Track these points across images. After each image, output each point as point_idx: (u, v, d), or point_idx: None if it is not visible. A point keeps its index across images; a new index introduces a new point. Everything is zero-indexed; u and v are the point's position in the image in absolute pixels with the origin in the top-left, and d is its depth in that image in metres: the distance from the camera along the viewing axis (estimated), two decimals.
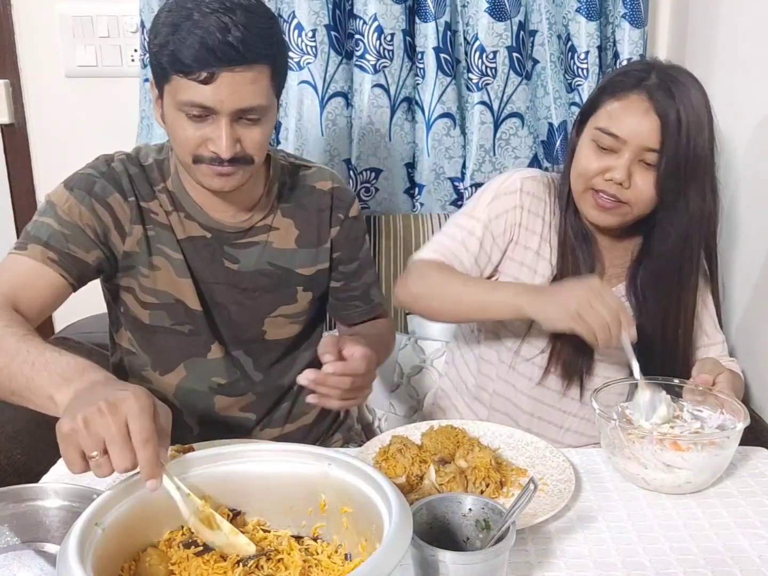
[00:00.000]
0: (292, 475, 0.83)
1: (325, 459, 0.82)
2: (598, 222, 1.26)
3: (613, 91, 1.21)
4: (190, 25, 1.04)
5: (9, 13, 1.95)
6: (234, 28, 1.04)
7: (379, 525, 0.73)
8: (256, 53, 1.07)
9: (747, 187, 1.55)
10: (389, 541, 0.67)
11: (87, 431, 0.75)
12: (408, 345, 1.74)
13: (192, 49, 1.04)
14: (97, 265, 1.18)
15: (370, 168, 1.91)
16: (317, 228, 1.31)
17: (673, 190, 1.19)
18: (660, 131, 1.17)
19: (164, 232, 1.23)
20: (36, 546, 0.87)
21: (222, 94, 1.06)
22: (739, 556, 0.90)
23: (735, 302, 1.58)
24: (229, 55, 1.04)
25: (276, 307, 1.30)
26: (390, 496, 0.73)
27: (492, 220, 1.31)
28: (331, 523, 0.82)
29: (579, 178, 1.24)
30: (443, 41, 1.83)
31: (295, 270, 1.30)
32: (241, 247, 1.26)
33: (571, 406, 1.34)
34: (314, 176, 1.33)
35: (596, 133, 1.21)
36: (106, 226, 1.18)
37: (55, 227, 1.14)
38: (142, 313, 1.26)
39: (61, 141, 2.02)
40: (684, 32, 1.88)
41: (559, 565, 0.89)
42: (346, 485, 0.80)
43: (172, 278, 1.23)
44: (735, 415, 1.06)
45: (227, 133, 1.08)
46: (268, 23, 1.10)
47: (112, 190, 1.19)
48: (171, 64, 1.07)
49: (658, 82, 1.18)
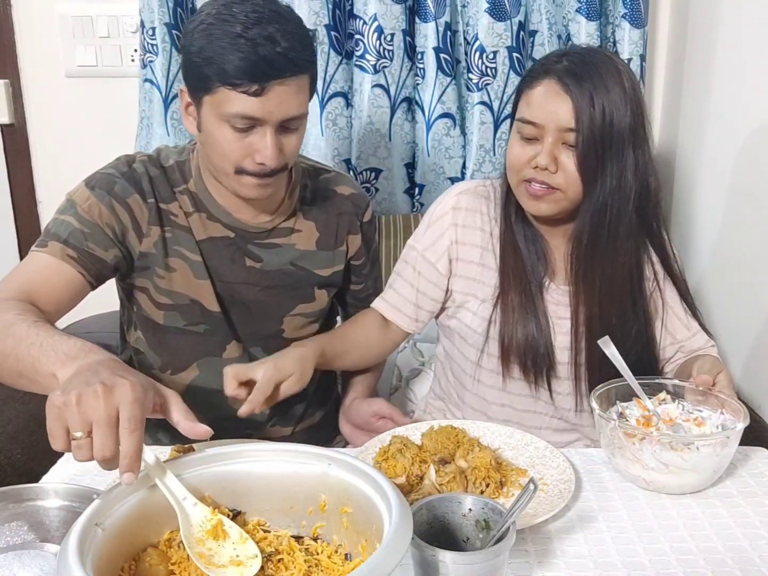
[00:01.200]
0: (292, 475, 0.83)
1: (325, 459, 0.82)
2: (534, 212, 1.26)
3: (528, 82, 1.23)
4: (235, 36, 1.04)
5: (9, 13, 1.95)
6: (282, 39, 1.05)
7: (379, 525, 0.73)
8: (304, 62, 1.09)
9: (746, 187, 1.55)
10: (389, 542, 0.67)
11: (77, 409, 0.74)
12: (407, 348, 1.74)
13: (244, 61, 1.04)
14: (114, 263, 1.20)
15: (370, 168, 1.91)
16: (335, 231, 1.35)
17: (592, 167, 1.19)
18: (574, 111, 1.17)
19: (183, 234, 1.24)
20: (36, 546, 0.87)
21: (272, 105, 1.07)
22: (739, 556, 0.90)
23: (734, 302, 1.58)
24: (282, 66, 1.06)
25: (295, 305, 1.33)
26: (390, 496, 0.73)
27: (428, 248, 1.33)
28: (331, 523, 0.82)
29: (511, 172, 1.25)
30: (443, 41, 1.83)
31: (314, 271, 1.33)
32: (265, 246, 1.29)
33: (544, 408, 1.33)
34: (335, 181, 1.36)
35: (518, 125, 1.23)
36: (124, 226, 1.20)
37: (75, 225, 1.16)
38: (156, 314, 1.27)
39: (61, 141, 2.02)
40: (684, 32, 1.88)
41: (559, 565, 0.89)
42: (346, 485, 0.80)
43: (190, 280, 1.25)
44: (735, 415, 1.06)
45: (274, 143, 1.11)
46: (305, 30, 1.12)
47: (132, 191, 1.20)
48: (219, 76, 1.06)
49: (567, 65, 1.20)
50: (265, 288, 1.30)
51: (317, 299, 1.35)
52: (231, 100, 1.08)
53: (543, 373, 1.29)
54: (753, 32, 1.53)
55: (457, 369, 1.39)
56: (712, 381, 1.12)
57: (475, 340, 1.32)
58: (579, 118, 1.17)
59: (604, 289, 1.25)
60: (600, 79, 1.18)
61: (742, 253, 1.57)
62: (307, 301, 1.34)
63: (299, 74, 1.09)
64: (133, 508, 0.76)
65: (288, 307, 1.33)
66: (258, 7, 1.07)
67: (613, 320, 1.25)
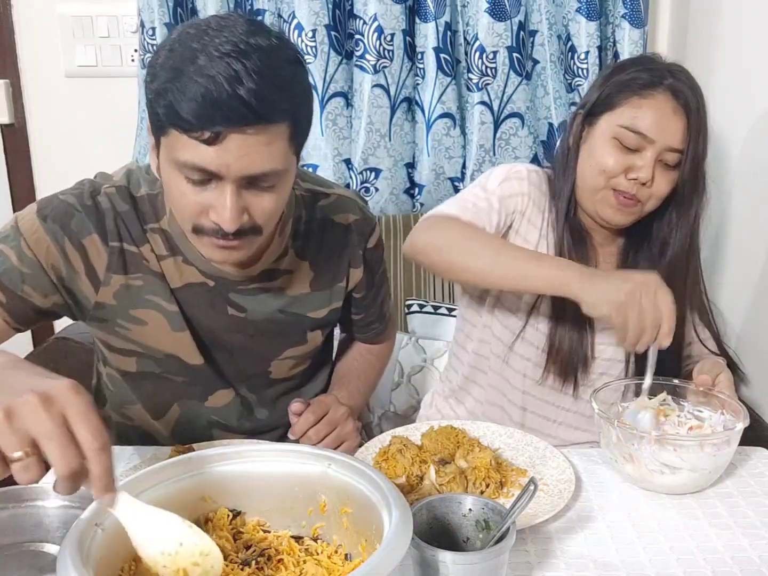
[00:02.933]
0: (292, 475, 0.83)
1: (325, 459, 0.82)
2: (613, 221, 1.25)
3: (635, 89, 1.20)
4: (193, 71, 0.84)
5: (9, 13, 1.95)
6: (247, 78, 0.83)
7: (379, 526, 0.73)
8: (274, 110, 0.87)
9: (746, 186, 1.55)
10: (389, 542, 0.66)
11: (9, 426, 0.60)
12: (409, 344, 1.74)
13: (194, 102, 0.84)
14: (54, 309, 1.04)
15: (370, 168, 1.91)
16: (335, 267, 1.18)
17: (690, 189, 1.22)
18: (686, 131, 1.18)
19: (156, 281, 1.06)
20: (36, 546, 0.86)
21: (228, 157, 0.87)
22: (739, 556, 0.90)
23: (734, 302, 1.57)
24: (239, 112, 0.84)
25: (283, 350, 1.19)
26: (390, 496, 0.73)
27: (504, 198, 1.27)
28: (331, 523, 0.82)
29: (600, 176, 1.22)
30: (443, 41, 1.83)
31: (307, 314, 1.17)
32: (249, 293, 1.11)
33: (565, 401, 1.34)
34: (334, 207, 1.17)
35: (619, 131, 1.20)
36: (74, 271, 1.02)
37: (13, 261, 0.99)
38: (126, 362, 1.12)
39: (61, 141, 2.02)
40: (684, 32, 1.88)
41: (559, 565, 0.89)
42: (346, 485, 0.80)
43: (165, 332, 1.09)
44: (735, 415, 1.06)
45: (232, 202, 0.90)
46: (290, 70, 0.89)
47: (91, 230, 1.02)
48: (168, 116, 0.87)
49: (676, 81, 1.19)
50: (250, 336, 1.14)
51: (309, 341, 1.20)
52: (182, 146, 0.88)
53: (573, 367, 1.29)
54: (753, 32, 1.53)
55: (481, 348, 1.37)
56: (711, 381, 1.13)
57: (511, 323, 1.31)
58: (689, 142, 1.18)
59: None
60: (703, 102, 1.19)
61: (738, 248, 1.57)
62: (298, 345, 1.19)
63: (267, 124, 0.87)
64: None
65: (275, 352, 1.18)
66: (235, 38, 0.85)
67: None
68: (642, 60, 1.28)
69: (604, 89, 1.24)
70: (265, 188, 0.93)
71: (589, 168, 1.24)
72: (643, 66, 1.22)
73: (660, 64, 1.22)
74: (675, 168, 1.21)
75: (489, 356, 1.36)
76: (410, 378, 1.71)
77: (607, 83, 1.24)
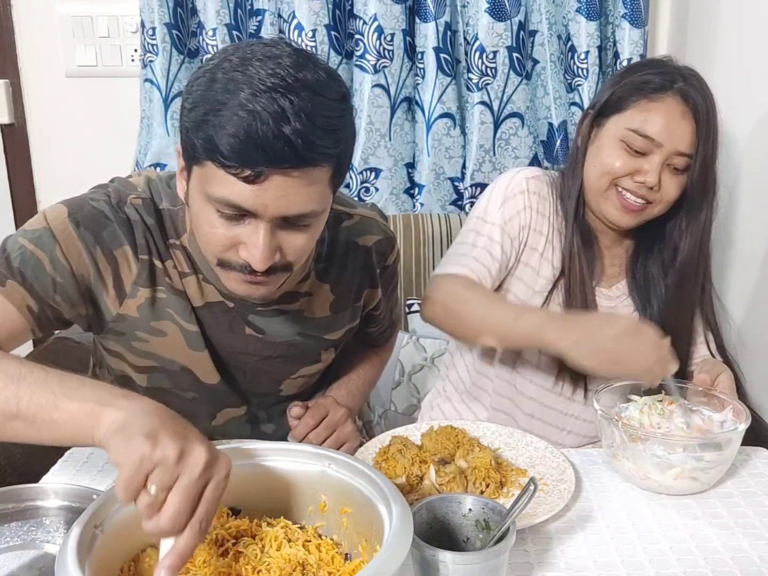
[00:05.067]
0: (291, 474, 0.83)
1: (325, 459, 0.82)
2: (619, 223, 1.24)
3: (645, 92, 1.20)
4: (236, 104, 0.79)
5: (9, 13, 1.95)
6: (293, 117, 0.79)
7: (379, 526, 0.73)
8: (319, 152, 0.82)
9: (747, 186, 1.55)
10: (389, 546, 0.66)
11: (174, 467, 0.66)
12: (409, 343, 1.74)
13: (236, 138, 0.79)
14: (74, 320, 1.01)
15: (370, 168, 1.91)
16: (355, 288, 1.16)
17: (700, 194, 1.21)
18: (695, 135, 1.18)
19: (177, 299, 1.03)
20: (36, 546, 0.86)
21: (267, 197, 0.83)
22: (739, 556, 0.90)
23: (735, 301, 1.57)
24: (283, 153, 0.80)
25: (297, 369, 1.17)
26: (390, 497, 0.73)
27: (507, 222, 1.27)
28: (331, 522, 0.83)
29: (604, 177, 1.22)
30: (443, 41, 1.83)
31: (324, 336, 1.15)
32: (269, 315, 1.08)
33: (574, 409, 1.33)
34: (357, 229, 1.13)
35: (627, 134, 1.19)
36: (103, 284, 0.98)
37: (47, 269, 0.94)
38: (137, 377, 1.10)
39: (61, 141, 2.02)
40: (684, 32, 1.88)
41: (559, 565, 0.89)
42: (346, 485, 0.80)
43: (183, 349, 1.06)
44: (736, 415, 1.06)
45: (266, 242, 0.86)
46: (337, 110, 0.84)
47: (123, 242, 0.98)
48: (207, 150, 0.82)
49: (686, 85, 1.19)
50: (266, 357, 1.12)
51: (322, 360, 1.19)
52: (218, 181, 0.83)
53: (584, 374, 1.27)
54: (753, 32, 1.53)
55: (486, 352, 1.36)
56: (710, 381, 1.13)
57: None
58: (699, 146, 1.17)
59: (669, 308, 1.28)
60: (713, 107, 1.19)
61: (741, 249, 1.57)
62: (311, 364, 1.18)
63: (312, 166, 0.83)
64: (133, 509, 0.76)
65: (289, 372, 1.17)
66: (281, 70, 0.80)
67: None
68: (654, 63, 1.27)
69: (614, 90, 1.24)
70: (300, 227, 0.89)
71: (595, 169, 1.24)
72: (656, 69, 1.22)
73: (672, 68, 1.22)
74: (684, 172, 1.20)
75: (495, 363, 1.36)
76: (411, 377, 1.71)
77: (619, 84, 1.24)
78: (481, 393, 1.39)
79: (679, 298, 1.28)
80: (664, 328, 1.27)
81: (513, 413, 1.35)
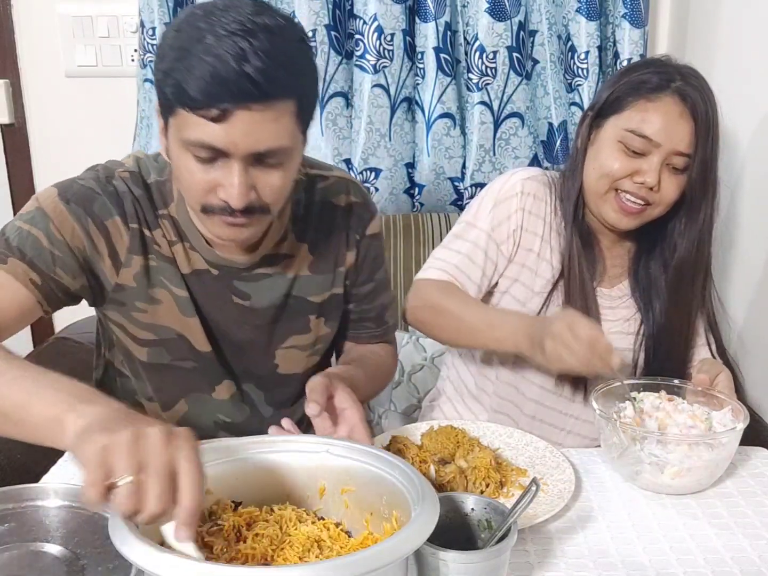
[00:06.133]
0: (290, 463, 0.85)
1: (323, 445, 0.84)
2: (618, 225, 1.24)
3: (642, 92, 1.19)
4: (201, 50, 0.86)
5: (9, 13, 1.95)
6: (253, 56, 0.85)
7: (392, 493, 0.76)
8: (280, 87, 0.89)
9: (747, 186, 1.55)
10: (423, 510, 0.69)
11: (130, 449, 0.64)
12: (409, 343, 1.75)
13: (201, 80, 0.86)
14: (79, 292, 1.05)
15: (370, 168, 1.91)
16: (334, 249, 1.18)
17: (699, 194, 1.21)
18: (694, 135, 1.17)
19: (167, 266, 1.08)
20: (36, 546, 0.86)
21: (235, 134, 0.88)
22: (739, 556, 0.90)
23: (735, 301, 1.57)
24: (246, 89, 0.86)
25: (287, 337, 1.19)
26: (406, 468, 0.77)
27: (495, 228, 1.28)
28: (329, 505, 0.84)
29: (603, 179, 1.22)
30: (443, 41, 1.83)
31: (308, 298, 1.17)
32: (252, 279, 1.13)
33: (574, 409, 1.33)
34: (333, 189, 1.18)
35: (625, 135, 1.19)
36: (98, 253, 1.04)
37: (44, 244, 0.99)
38: (138, 350, 1.13)
39: (61, 141, 2.02)
40: (684, 32, 1.88)
41: (559, 565, 0.89)
42: (347, 467, 0.82)
43: (176, 316, 1.11)
44: (735, 415, 1.06)
45: (240, 179, 0.92)
46: (296, 48, 0.91)
47: (113, 213, 1.04)
48: (176, 96, 0.89)
49: (685, 84, 1.18)
50: (256, 327, 1.15)
51: (312, 330, 1.20)
52: (190, 125, 0.89)
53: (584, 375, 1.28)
54: (753, 32, 1.53)
55: (486, 355, 1.36)
56: (709, 381, 1.13)
57: None
58: (698, 145, 1.17)
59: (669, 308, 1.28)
60: (713, 105, 1.18)
61: (740, 248, 1.57)
62: (301, 333, 1.19)
63: (274, 100, 0.88)
64: None
65: (279, 341, 1.18)
66: (242, 18, 0.87)
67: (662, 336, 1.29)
68: (652, 62, 1.27)
69: (612, 91, 1.24)
70: (272, 165, 0.94)
71: (594, 171, 1.24)
72: (654, 68, 1.22)
73: (670, 67, 1.22)
74: (684, 172, 1.20)
75: (495, 365, 1.36)
76: (411, 377, 1.72)
77: (617, 85, 1.23)
78: (482, 394, 1.39)
79: (677, 298, 1.28)
80: (665, 329, 1.27)
81: (514, 415, 1.35)
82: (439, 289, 1.26)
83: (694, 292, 1.28)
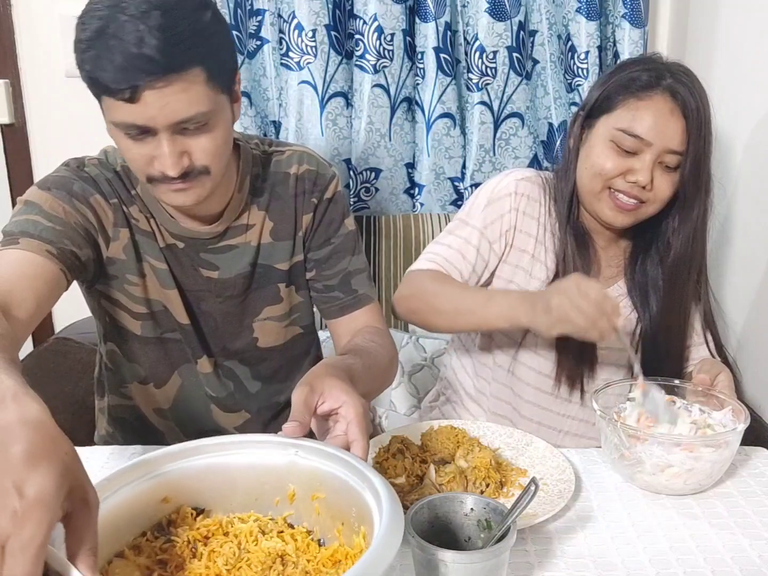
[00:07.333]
0: (256, 466, 0.80)
1: (291, 447, 0.80)
2: (614, 222, 1.24)
3: (632, 90, 1.19)
4: (106, 38, 0.91)
5: (9, 13, 1.95)
6: (149, 36, 0.90)
7: (360, 508, 0.72)
8: (180, 60, 0.93)
9: (746, 186, 1.55)
10: (384, 535, 0.64)
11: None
12: (409, 343, 1.75)
13: (110, 67, 0.91)
14: (88, 263, 1.09)
15: (370, 168, 1.91)
16: (292, 217, 1.21)
17: (692, 191, 1.20)
18: (685, 132, 1.17)
19: (148, 240, 1.15)
20: None
21: (151, 111, 0.94)
22: (739, 556, 0.90)
23: (734, 301, 1.57)
24: (147, 69, 0.91)
25: (261, 309, 1.23)
26: (372, 478, 0.72)
27: (487, 226, 1.28)
28: (301, 511, 0.80)
29: (596, 178, 1.22)
30: (443, 41, 1.83)
31: (274, 266, 1.22)
32: (218, 252, 1.18)
33: (571, 410, 1.33)
34: (287, 161, 1.22)
35: (616, 134, 1.19)
36: (92, 225, 1.10)
37: (45, 223, 1.03)
38: (134, 324, 1.19)
39: (61, 141, 2.02)
40: (684, 32, 1.88)
41: (559, 565, 0.89)
42: (316, 471, 0.78)
43: (159, 288, 1.17)
44: (735, 415, 1.06)
45: (169, 149, 0.97)
46: (192, 18, 0.94)
47: (93, 191, 1.11)
48: (93, 84, 0.95)
49: (675, 82, 1.18)
50: (228, 298, 1.20)
51: (285, 299, 1.24)
52: (112, 109, 0.96)
53: (579, 374, 1.29)
54: (753, 32, 1.53)
55: (483, 356, 1.37)
56: (709, 381, 1.13)
57: (511, 332, 1.31)
58: (689, 143, 1.17)
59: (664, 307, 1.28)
60: (704, 101, 1.18)
61: (740, 247, 1.57)
62: (274, 303, 1.23)
63: (178, 72, 0.93)
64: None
65: (253, 312, 1.23)
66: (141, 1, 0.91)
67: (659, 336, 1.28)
68: (643, 60, 1.26)
69: (603, 90, 1.24)
70: (198, 130, 0.99)
71: (587, 170, 1.24)
72: (644, 66, 1.22)
73: (660, 64, 1.21)
74: (676, 170, 1.20)
75: (492, 367, 1.36)
76: (411, 377, 1.72)
77: (607, 84, 1.23)
78: (480, 396, 1.39)
79: (673, 296, 1.28)
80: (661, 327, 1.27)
81: (511, 416, 1.35)
82: (431, 276, 1.27)
83: (690, 289, 1.28)
